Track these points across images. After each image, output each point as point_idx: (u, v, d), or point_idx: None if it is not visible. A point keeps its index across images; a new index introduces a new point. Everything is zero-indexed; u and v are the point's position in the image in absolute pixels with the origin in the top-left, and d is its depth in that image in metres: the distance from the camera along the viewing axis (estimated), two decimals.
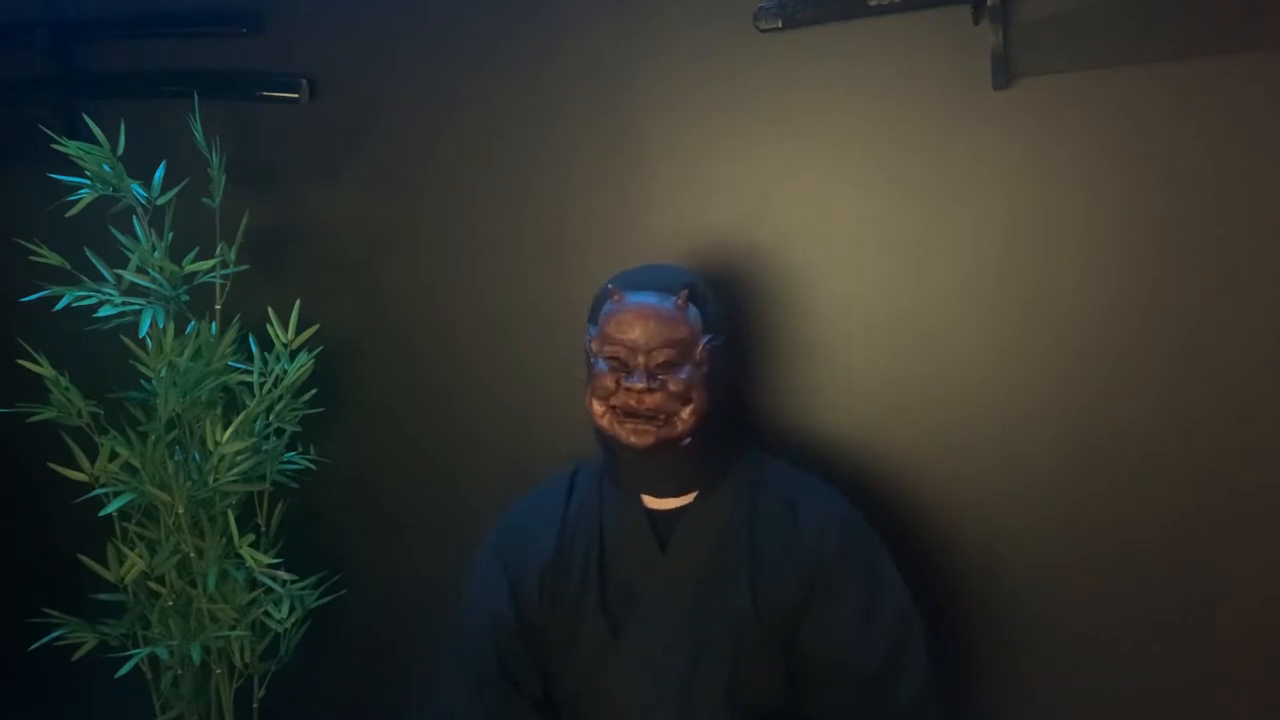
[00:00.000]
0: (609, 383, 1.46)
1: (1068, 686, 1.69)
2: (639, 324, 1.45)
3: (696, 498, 1.53)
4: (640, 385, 1.43)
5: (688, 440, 1.47)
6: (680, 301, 1.46)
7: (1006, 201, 1.65)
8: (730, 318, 1.59)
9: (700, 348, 1.46)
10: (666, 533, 1.52)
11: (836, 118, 1.71)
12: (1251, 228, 1.55)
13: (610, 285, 1.50)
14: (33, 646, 1.85)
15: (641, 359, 1.44)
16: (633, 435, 1.45)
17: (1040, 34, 1.59)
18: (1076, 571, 1.67)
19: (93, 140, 1.78)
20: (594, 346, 1.49)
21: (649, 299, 1.46)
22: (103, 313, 1.78)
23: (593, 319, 1.52)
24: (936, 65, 1.65)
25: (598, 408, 1.48)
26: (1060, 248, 1.63)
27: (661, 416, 1.45)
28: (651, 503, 1.54)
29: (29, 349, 1.86)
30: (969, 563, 1.71)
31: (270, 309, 1.86)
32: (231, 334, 1.85)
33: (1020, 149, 1.63)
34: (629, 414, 1.45)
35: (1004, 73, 1.60)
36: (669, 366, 1.45)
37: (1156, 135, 1.57)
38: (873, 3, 1.63)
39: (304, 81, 1.97)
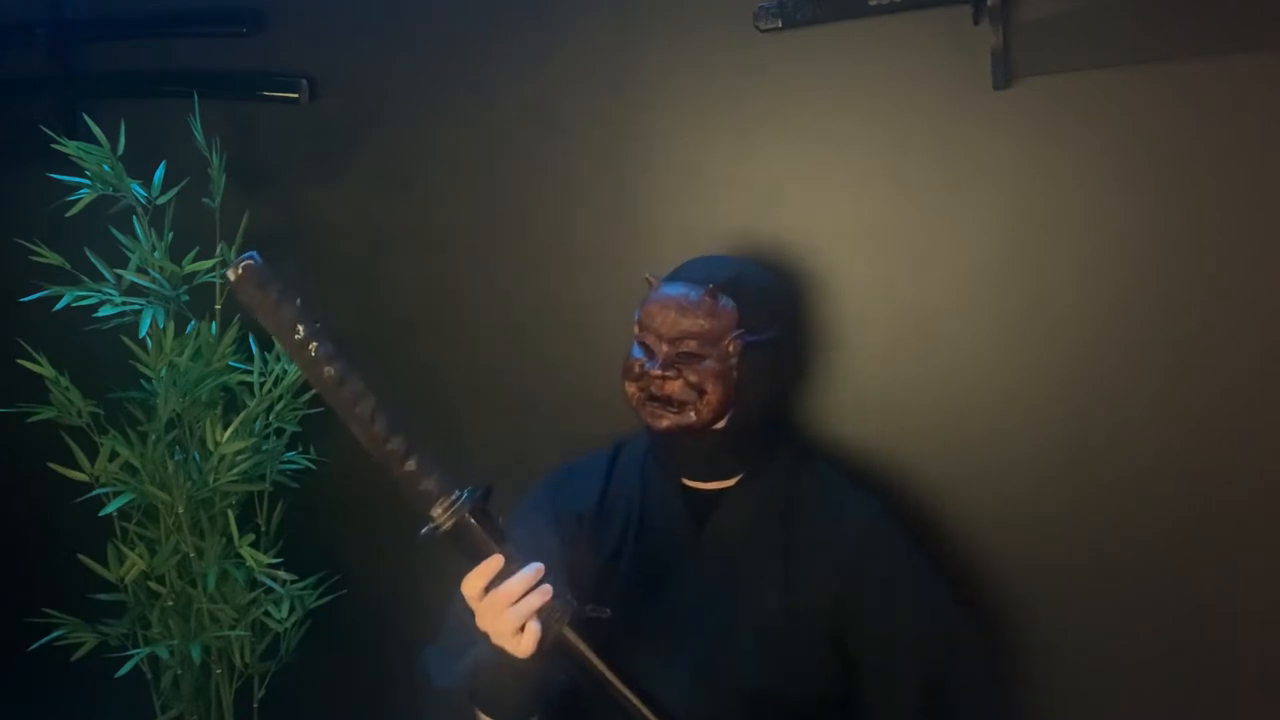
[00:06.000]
0: (636, 366, 1.50)
1: (1068, 686, 1.69)
2: (661, 314, 1.48)
3: (738, 482, 1.54)
4: (657, 372, 1.47)
5: (717, 427, 1.49)
6: (707, 295, 1.47)
7: (1006, 201, 1.65)
8: (785, 316, 1.56)
9: (729, 341, 1.47)
10: (704, 513, 1.54)
11: (836, 118, 1.71)
12: (1251, 228, 1.55)
13: (648, 275, 1.54)
14: (33, 646, 1.86)
15: (665, 347, 1.47)
16: (650, 418, 1.49)
17: (1040, 34, 1.59)
18: (1077, 571, 1.66)
19: (93, 140, 1.79)
20: (634, 331, 1.53)
21: (677, 290, 1.49)
22: (103, 313, 1.78)
23: (639, 304, 1.55)
24: (936, 65, 1.65)
25: (628, 388, 1.51)
26: (1060, 248, 1.63)
27: (677, 404, 1.48)
28: (690, 482, 1.56)
29: (29, 349, 1.86)
30: (967, 563, 1.71)
31: None
32: (231, 334, 1.85)
33: (1020, 149, 1.63)
34: (650, 398, 1.49)
35: (1004, 73, 1.60)
36: (690, 357, 1.47)
37: (1156, 135, 1.57)
38: (873, 3, 1.63)
39: (304, 81, 1.97)
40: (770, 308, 1.53)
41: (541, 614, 1.27)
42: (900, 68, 1.67)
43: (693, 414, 1.47)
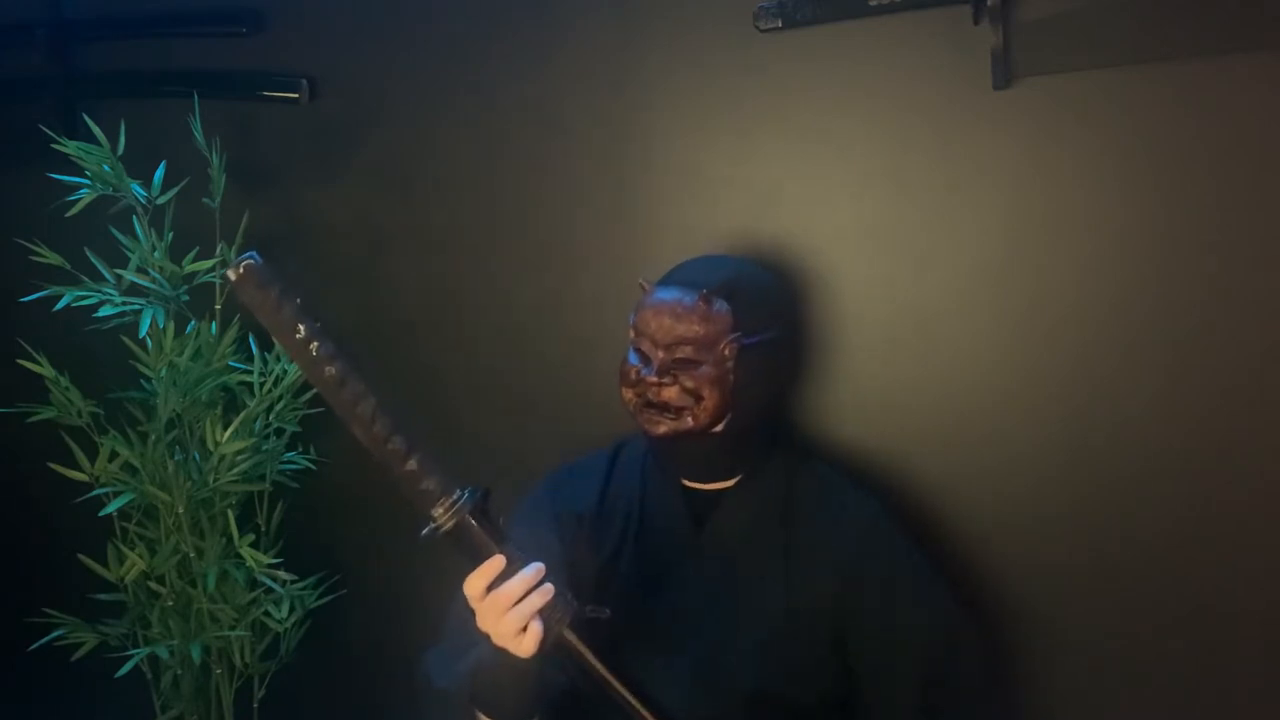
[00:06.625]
0: (632, 373, 1.49)
1: (1068, 686, 1.69)
2: (655, 320, 1.47)
3: (738, 482, 1.54)
4: (653, 379, 1.46)
5: (715, 430, 1.49)
6: (701, 300, 1.46)
7: (1006, 201, 1.65)
8: (781, 315, 1.56)
9: (724, 345, 1.46)
10: (704, 514, 1.54)
11: (836, 118, 1.71)
12: (1251, 228, 1.55)
13: (642, 279, 1.53)
14: (33, 646, 1.86)
15: (661, 354, 1.46)
16: (647, 424, 1.48)
17: (1040, 34, 1.59)
18: (1077, 571, 1.66)
19: (93, 140, 1.79)
20: (629, 335, 1.52)
21: (671, 295, 1.48)
22: (103, 313, 1.79)
23: (634, 309, 1.53)
24: (936, 65, 1.65)
25: (626, 393, 1.51)
26: (1060, 248, 1.63)
27: (674, 410, 1.47)
28: (690, 483, 1.56)
29: (29, 349, 1.86)
30: (967, 563, 1.71)
31: None
32: (231, 334, 1.85)
33: (1020, 149, 1.63)
34: (647, 404, 1.48)
35: (1004, 73, 1.60)
36: (686, 363, 1.46)
37: (1156, 135, 1.57)
38: (873, 3, 1.63)
39: (304, 81, 1.97)
40: (767, 308, 1.52)
41: (543, 614, 1.27)
42: (900, 68, 1.67)
43: (690, 420, 1.46)
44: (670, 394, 1.46)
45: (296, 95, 1.97)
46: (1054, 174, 1.62)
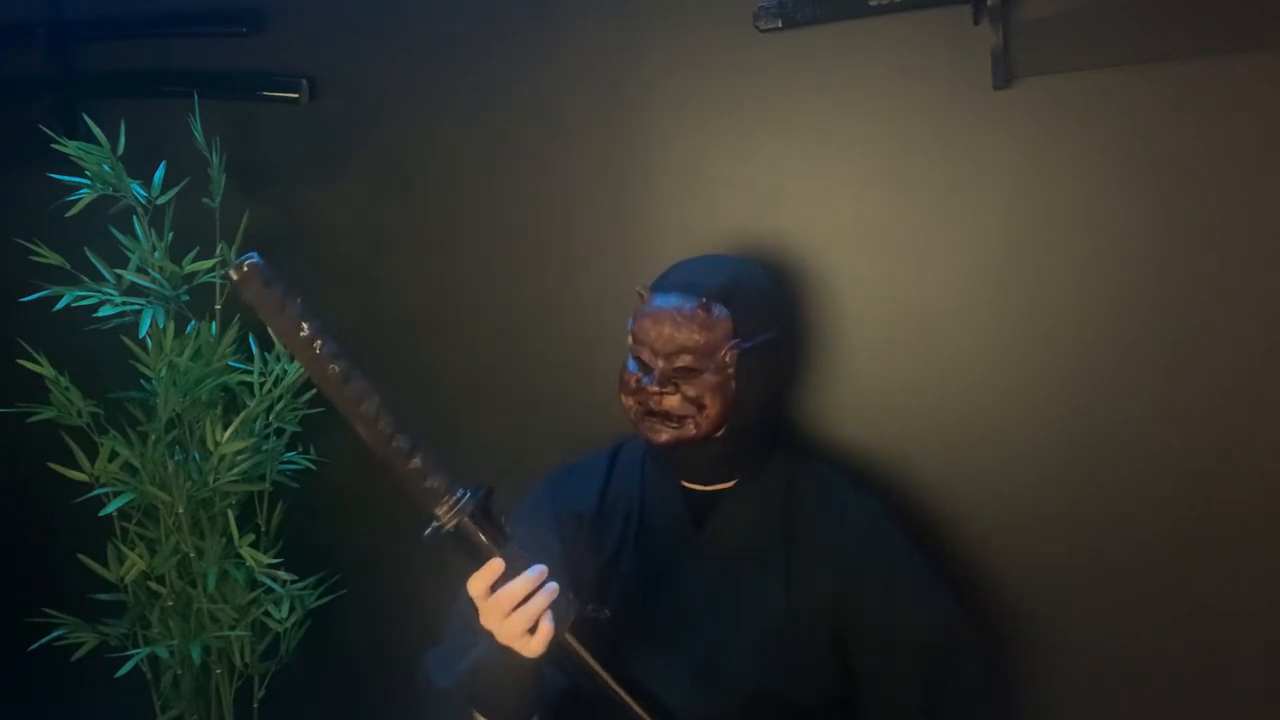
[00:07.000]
0: (632, 380, 1.48)
1: (1068, 686, 1.69)
2: (654, 329, 1.45)
3: (737, 483, 1.54)
4: (654, 388, 1.45)
5: (716, 436, 1.48)
6: (700, 308, 1.45)
7: (1006, 201, 1.65)
8: (780, 315, 1.55)
9: (725, 352, 1.45)
10: (704, 514, 1.54)
11: (836, 118, 1.71)
12: (1251, 228, 1.55)
13: (639, 287, 1.51)
14: (33, 646, 1.86)
15: (661, 363, 1.45)
16: (649, 433, 1.47)
17: (1040, 34, 1.59)
18: (1077, 571, 1.66)
19: (93, 140, 1.79)
20: (628, 342, 1.51)
21: (670, 303, 1.46)
22: (103, 313, 1.79)
23: (632, 315, 1.52)
24: (936, 65, 1.65)
25: (625, 401, 1.50)
26: (1060, 248, 1.63)
27: (676, 419, 1.46)
28: (690, 484, 1.55)
29: (29, 349, 1.86)
30: (967, 563, 1.71)
31: None
32: (231, 334, 1.85)
33: (1020, 149, 1.63)
34: (648, 413, 1.47)
35: (1004, 73, 1.60)
36: (686, 371, 1.45)
37: (1156, 135, 1.57)
38: (873, 3, 1.63)
39: (304, 81, 1.97)
40: (766, 309, 1.51)
41: (550, 612, 1.27)
42: (900, 68, 1.67)
43: (693, 428, 1.46)
44: (672, 403, 1.45)
45: (296, 95, 1.97)
46: (1054, 174, 1.62)
